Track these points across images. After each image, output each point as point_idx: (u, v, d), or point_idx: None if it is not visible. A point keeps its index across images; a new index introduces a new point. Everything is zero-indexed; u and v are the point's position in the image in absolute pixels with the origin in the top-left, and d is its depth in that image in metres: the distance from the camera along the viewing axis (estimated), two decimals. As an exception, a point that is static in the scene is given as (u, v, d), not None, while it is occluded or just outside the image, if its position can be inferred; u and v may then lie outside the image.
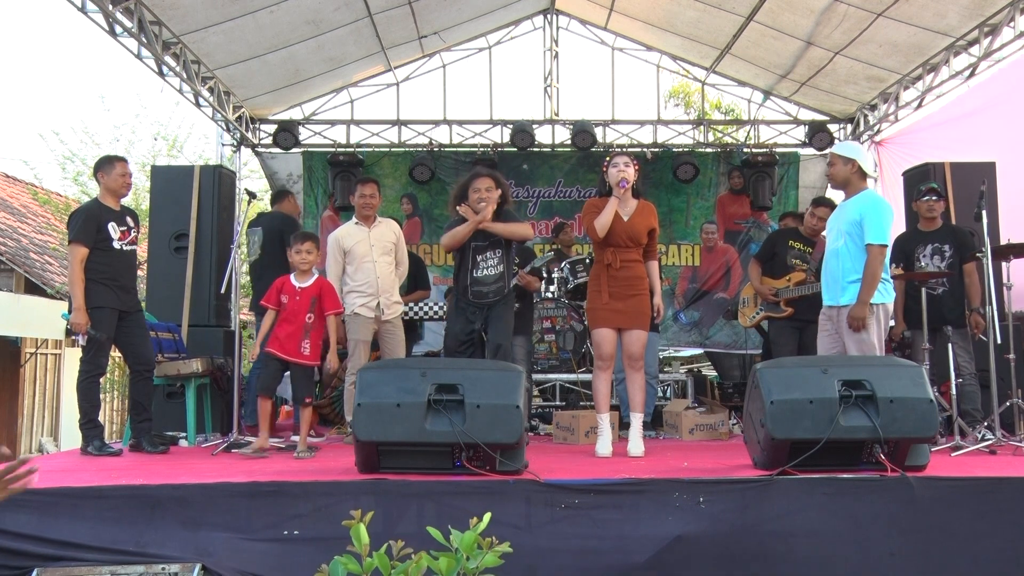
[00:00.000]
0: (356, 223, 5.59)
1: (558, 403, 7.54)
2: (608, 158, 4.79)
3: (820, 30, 7.59)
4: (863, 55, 7.82)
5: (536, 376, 7.32)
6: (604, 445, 4.63)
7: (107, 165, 5.03)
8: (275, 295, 4.90)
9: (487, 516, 2.12)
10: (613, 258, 4.66)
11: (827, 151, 9.21)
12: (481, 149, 9.20)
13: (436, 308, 6.66)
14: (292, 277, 4.96)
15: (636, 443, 4.64)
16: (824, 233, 4.83)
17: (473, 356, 4.88)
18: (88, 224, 4.86)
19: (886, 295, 4.45)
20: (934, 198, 5.59)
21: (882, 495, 3.40)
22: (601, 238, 4.65)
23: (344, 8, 7.43)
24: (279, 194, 6.94)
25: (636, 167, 4.73)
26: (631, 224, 4.71)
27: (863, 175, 4.54)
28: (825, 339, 4.67)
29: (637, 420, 4.75)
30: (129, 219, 5.06)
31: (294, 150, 9.12)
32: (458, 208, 5.01)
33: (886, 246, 4.41)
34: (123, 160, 5.13)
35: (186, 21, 6.75)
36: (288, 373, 4.99)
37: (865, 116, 9.06)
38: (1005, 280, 5.11)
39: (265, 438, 4.69)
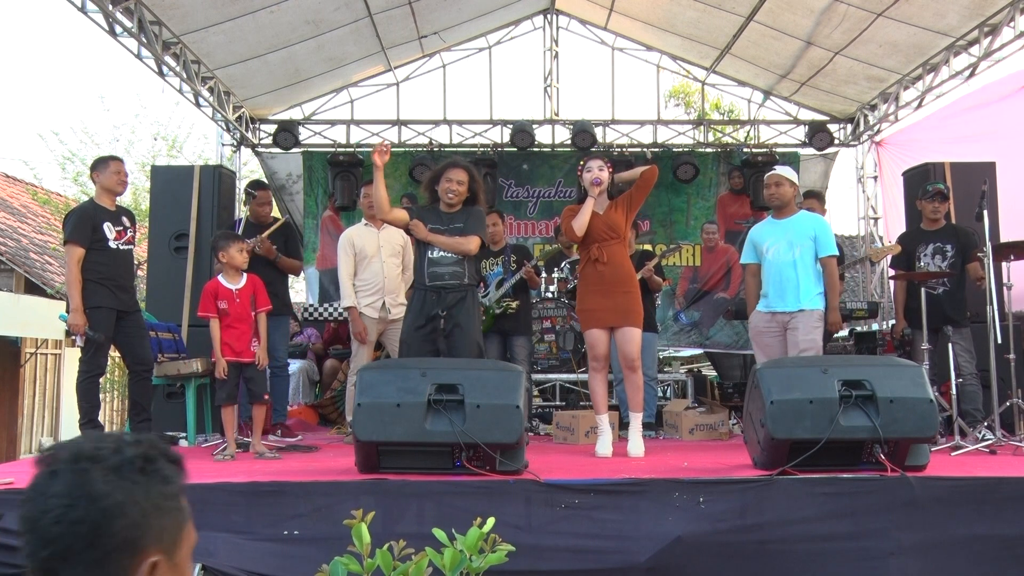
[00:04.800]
0: (365, 224, 5.62)
1: (558, 403, 7.55)
2: (582, 162, 4.81)
3: (820, 30, 7.59)
4: (863, 55, 7.82)
5: (536, 376, 7.32)
6: (604, 445, 4.62)
7: (102, 164, 5.05)
8: (212, 303, 4.75)
9: (491, 520, 2.12)
10: (599, 252, 4.66)
11: (823, 153, 9.23)
12: (481, 149, 9.19)
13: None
14: (223, 280, 4.83)
15: (636, 443, 4.64)
16: (767, 243, 5.03)
17: (434, 343, 4.61)
18: (83, 224, 4.85)
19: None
20: (939, 200, 5.59)
21: (882, 495, 3.40)
22: (580, 237, 4.67)
23: (344, 8, 7.43)
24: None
25: (610, 170, 4.74)
26: (607, 217, 4.71)
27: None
28: (772, 342, 4.93)
29: (636, 420, 4.73)
30: (125, 219, 5.06)
31: (294, 150, 9.11)
32: (410, 224, 4.76)
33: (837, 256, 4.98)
34: (117, 159, 5.13)
35: (186, 21, 6.75)
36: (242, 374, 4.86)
37: (865, 116, 9.06)
38: (1005, 280, 5.10)
39: (234, 444, 4.72)
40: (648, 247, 8.14)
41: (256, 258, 5.52)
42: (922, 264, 5.57)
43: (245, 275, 4.92)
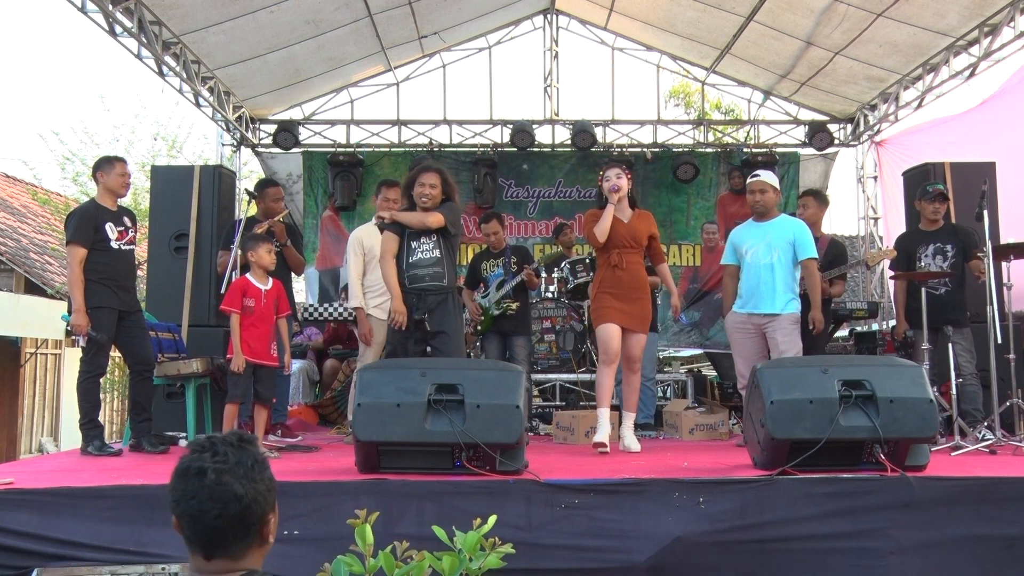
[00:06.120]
0: (376, 224, 5.59)
1: (558, 403, 7.54)
2: (601, 171, 4.96)
3: (820, 30, 7.59)
4: (863, 55, 7.82)
5: (536, 376, 7.32)
6: (601, 436, 4.75)
7: (106, 165, 5.03)
8: (239, 299, 4.78)
9: (492, 518, 2.12)
10: (619, 259, 4.83)
11: (823, 153, 9.24)
12: (481, 149, 9.19)
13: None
14: (252, 279, 4.88)
15: (631, 440, 4.85)
16: (746, 245, 5.07)
17: (419, 344, 4.61)
18: (85, 225, 4.85)
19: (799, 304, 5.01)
20: (939, 201, 5.59)
21: (882, 495, 3.40)
22: (602, 243, 4.80)
23: (344, 8, 7.43)
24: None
25: (629, 177, 4.89)
26: (631, 226, 4.89)
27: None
28: (747, 342, 5.01)
29: (629, 419, 4.94)
30: (126, 219, 5.06)
31: (294, 150, 9.11)
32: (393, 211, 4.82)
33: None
34: (122, 160, 5.13)
35: (186, 21, 6.75)
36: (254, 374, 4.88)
37: (865, 116, 9.06)
38: (1005, 280, 5.10)
39: None
40: (662, 247, 8.18)
41: None
42: (922, 264, 5.57)
43: (271, 278, 4.98)
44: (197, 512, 1.54)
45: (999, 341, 4.78)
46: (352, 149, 9.16)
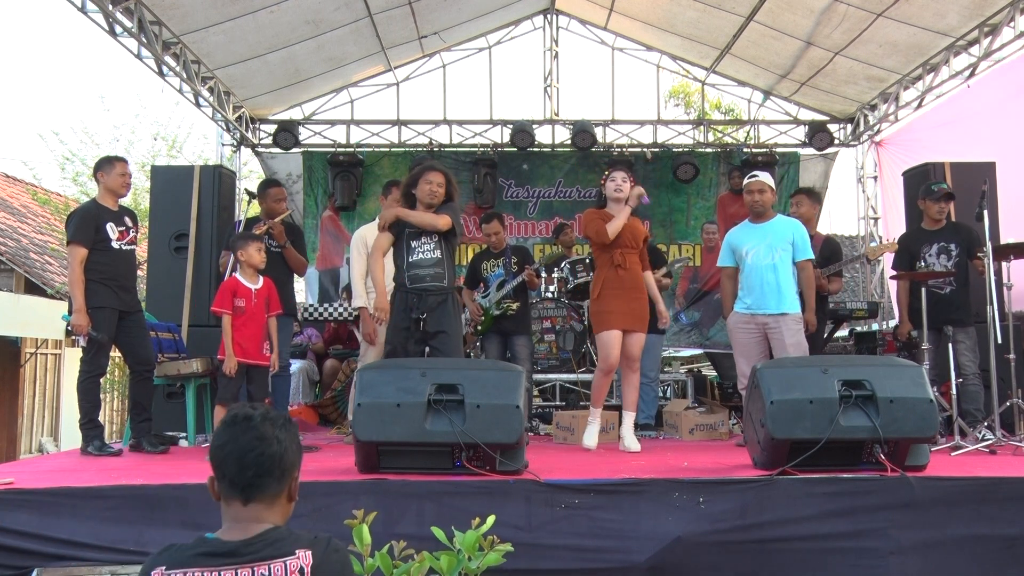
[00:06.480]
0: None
1: (558, 403, 7.54)
2: (607, 172, 5.10)
3: (820, 30, 7.59)
4: (863, 55, 7.82)
5: (536, 376, 7.32)
6: (591, 435, 4.87)
7: (107, 165, 5.03)
8: (229, 299, 4.79)
9: (491, 518, 2.12)
10: (623, 259, 4.90)
11: (823, 153, 9.24)
12: (481, 149, 9.19)
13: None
14: (241, 279, 4.89)
15: (631, 439, 4.87)
16: (747, 247, 5.07)
17: (419, 343, 4.60)
18: (86, 225, 4.85)
19: None
20: (945, 201, 5.59)
21: (882, 495, 3.40)
22: (611, 240, 4.86)
23: (344, 8, 7.43)
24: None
25: (631, 181, 5.02)
26: (632, 227, 4.98)
27: None
28: (750, 342, 5.01)
29: (629, 419, 4.95)
30: (127, 219, 5.06)
31: (294, 150, 9.11)
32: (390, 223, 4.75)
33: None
34: (123, 160, 5.13)
35: (186, 21, 6.75)
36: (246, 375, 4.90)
37: (865, 116, 9.06)
38: (1005, 280, 5.10)
39: None
40: (662, 247, 8.22)
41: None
42: (925, 264, 5.55)
43: (262, 277, 4.97)
44: (242, 451, 1.69)
45: (999, 341, 4.78)
46: (352, 149, 9.17)
